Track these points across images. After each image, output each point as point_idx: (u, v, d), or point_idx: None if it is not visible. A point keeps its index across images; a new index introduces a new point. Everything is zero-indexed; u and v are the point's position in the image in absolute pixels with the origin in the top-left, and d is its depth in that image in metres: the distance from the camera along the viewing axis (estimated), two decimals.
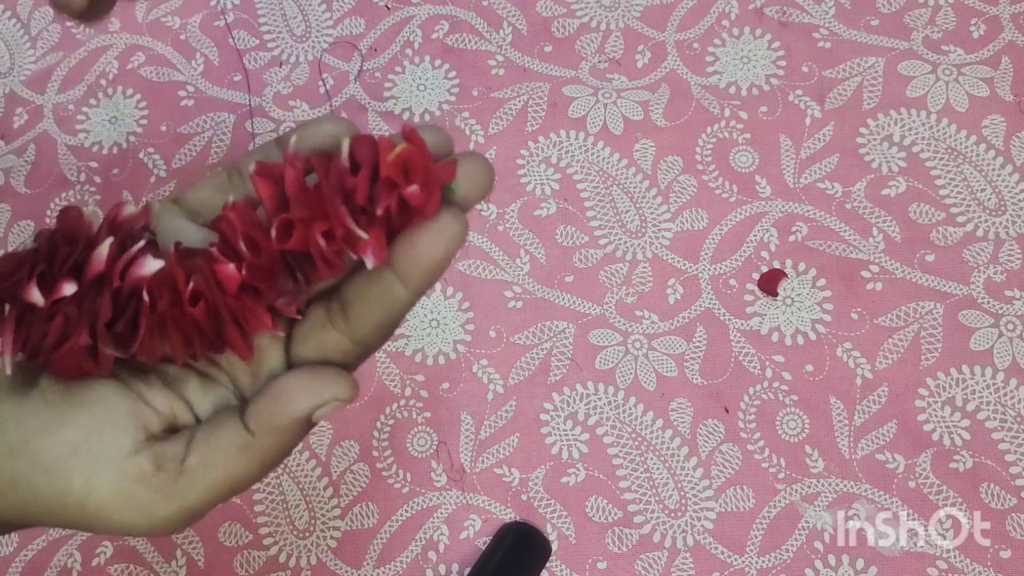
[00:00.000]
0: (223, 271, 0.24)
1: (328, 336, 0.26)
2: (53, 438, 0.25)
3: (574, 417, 0.44)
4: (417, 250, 0.24)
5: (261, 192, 0.24)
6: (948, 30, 0.49)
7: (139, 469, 0.25)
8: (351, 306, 0.26)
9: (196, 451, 0.25)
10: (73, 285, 0.24)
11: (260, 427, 0.25)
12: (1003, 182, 0.46)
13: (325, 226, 0.23)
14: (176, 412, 0.27)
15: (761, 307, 0.45)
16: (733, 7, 0.51)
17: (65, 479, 0.25)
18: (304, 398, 0.25)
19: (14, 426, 0.25)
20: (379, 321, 0.26)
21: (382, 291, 0.25)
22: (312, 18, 0.54)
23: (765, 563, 0.41)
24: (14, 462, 0.25)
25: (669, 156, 0.48)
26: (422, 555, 0.43)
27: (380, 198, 0.23)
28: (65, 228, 0.25)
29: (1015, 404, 0.42)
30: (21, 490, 0.25)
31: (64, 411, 0.25)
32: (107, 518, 0.25)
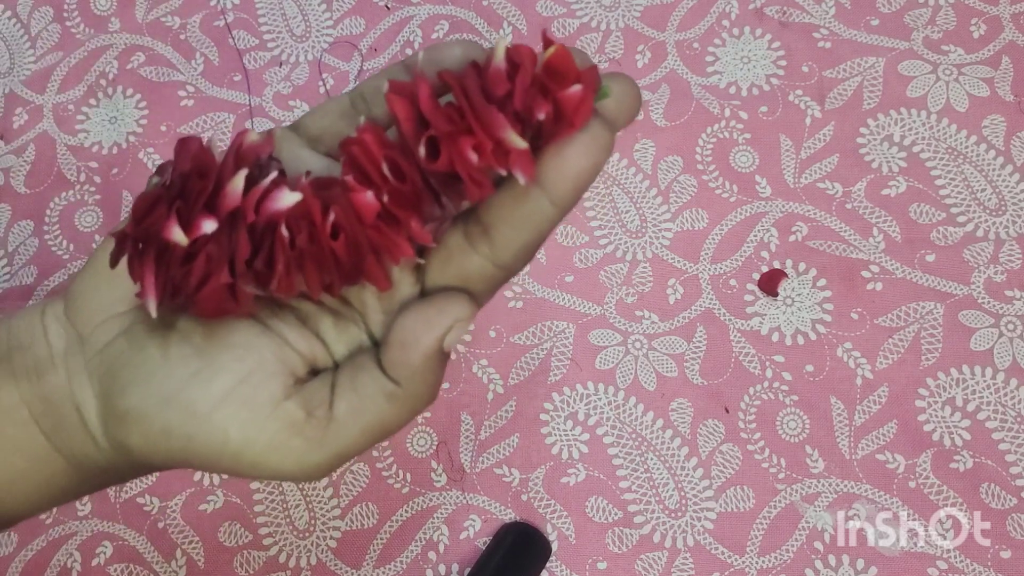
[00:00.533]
0: (361, 200, 0.23)
1: (470, 261, 0.25)
2: (207, 387, 0.25)
3: (574, 417, 0.44)
4: (567, 162, 0.23)
5: (397, 111, 0.23)
6: (948, 30, 0.49)
7: (291, 417, 0.25)
8: (495, 228, 0.24)
9: (343, 397, 0.25)
10: (213, 222, 0.23)
11: (401, 375, 0.25)
12: (1003, 182, 0.46)
13: (474, 140, 0.22)
14: (316, 353, 0.26)
15: (761, 307, 0.45)
16: (733, 7, 0.51)
17: (221, 431, 0.24)
18: (427, 332, 0.24)
19: (165, 373, 0.25)
20: (526, 241, 0.24)
21: (529, 209, 0.24)
22: (312, 18, 0.54)
23: (765, 563, 0.41)
24: (168, 411, 0.25)
25: (669, 156, 0.48)
26: (422, 555, 0.43)
27: (536, 104, 0.21)
28: (194, 160, 0.24)
29: (1015, 404, 0.42)
30: (174, 440, 0.25)
31: (213, 357, 0.25)
32: (261, 466, 0.25)
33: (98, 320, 0.26)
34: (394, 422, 0.25)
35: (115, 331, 0.26)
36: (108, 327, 0.26)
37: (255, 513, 0.44)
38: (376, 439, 0.25)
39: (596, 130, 0.23)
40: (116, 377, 0.25)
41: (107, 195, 0.51)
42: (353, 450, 0.25)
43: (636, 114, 0.24)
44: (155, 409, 0.25)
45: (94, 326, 0.26)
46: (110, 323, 0.26)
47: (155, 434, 0.25)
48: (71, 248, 0.50)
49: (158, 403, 0.25)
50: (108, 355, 0.26)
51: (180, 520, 0.44)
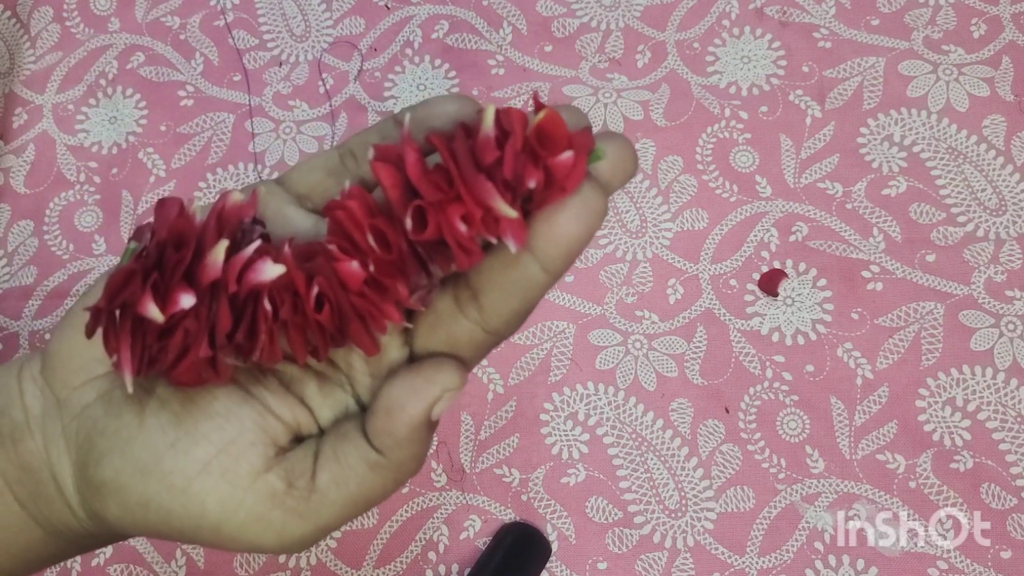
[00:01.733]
0: (346, 270, 0.22)
1: (459, 326, 0.24)
2: (185, 457, 0.24)
3: (574, 417, 0.44)
4: (559, 229, 0.22)
5: (382, 179, 0.22)
6: (948, 30, 0.49)
7: (271, 489, 0.24)
8: (485, 293, 0.24)
9: (326, 468, 0.24)
10: (191, 296, 0.22)
11: (384, 444, 0.24)
12: (1003, 182, 0.46)
13: (463, 209, 0.21)
14: (299, 420, 0.25)
15: (761, 307, 0.45)
16: (733, 7, 0.51)
17: (200, 503, 0.24)
18: (415, 401, 0.23)
19: (143, 442, 0.24)
20: (516, 308, 0.24)
21: (519, 275, 0.23)
22: (312, 18, 0.54)
23: (765, 563, 0.41)
24: (146, 483, 0.24)
25: (669, 156, 0.48)
26: (422, 555, 0.43)
27: (527, 172, 0.21)
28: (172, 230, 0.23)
29: (1015, 404, 0.42)
30: (152, 512, 0.24)
31: (192, 426, 0.24)
32: (241, 539, 0.24)
33: (75, 383, 0.26)
34: (378, 493, 0.24)
35: (93, 395, 0.25)
36: (86, 390, 0.26)
37: None
38: (360, 510, 0.25)
39: (588, 195, 0.22)
40: (93, 445, 0.25)
41: (107, 195, 0.51)
42: (336, 522, 0.24)
43: (632, 175, 0.23)
44: (132, 480, 0.24)
45: (71, 389, 0.26)
46: (88, 386, 0.26)
47: (132, 506, 0.24)
48: (71, 248, 0.50)
49: (135, 474, 0.24)
50: (85, 421, 0.25)
51: None
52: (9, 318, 0.49)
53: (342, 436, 0.25)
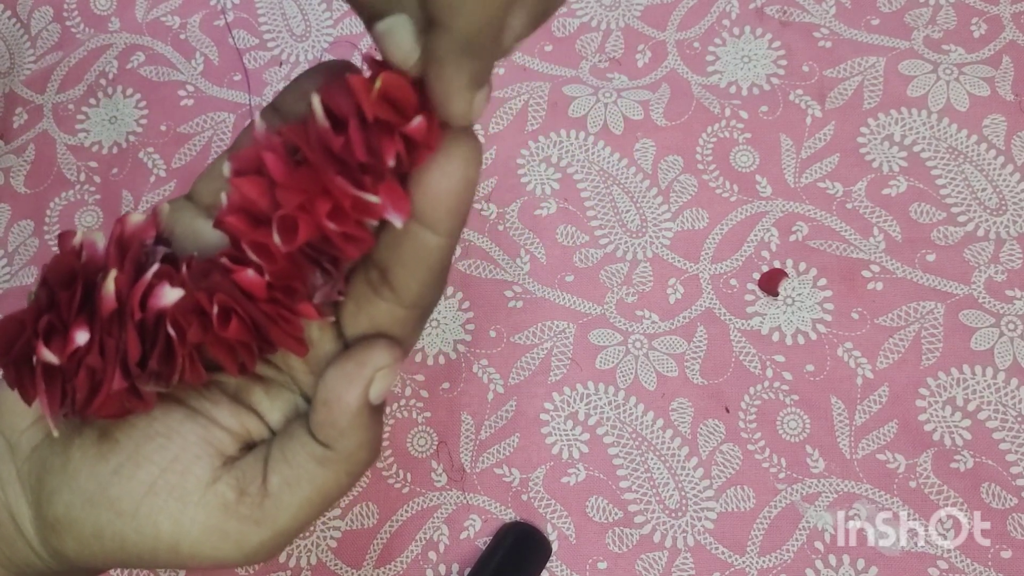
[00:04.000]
0: (246, 280, 0.22)
1: (378, 308, 0.24)
2: (130, 482, 0.23)
3: (574, 417, 0.44)
4: (434, 190, 0.21)
5: (246, 192, 0.21)
6: (949, 29, 0.49)
7: (222, 499, 0.23)
8: (390, 271, 0.23)
9: (276, 471, 0.24)
10: (85, 332, 0.22)
11: (329, 436, 0.23)
12: (1004, 182, 0.46)
13: (329, 204, 0.20)
14: (249, 427, 0.25)
15: (762, 307, 0.45)
16: (734, 6, 0.51)
17: (152, 525, 0.23)
18: (349, 388, 0.23)
19: (87, 472, 0.24)
20: (424, 279, 0.23)
21: (415, 246, 0.22)
22: (312, 18, 0.54)
23: (766, 563, 0.41)
24: (97, 512, 0.23)
25: (669, 156, 0.48)
26: (422, 555, 0.43)
27: (384, 148, 0.19)
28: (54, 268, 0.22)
29: (1016, 404, 0.42)
30: (107, 540, 0.24)
31: (133, 450, 0.24)
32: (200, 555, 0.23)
33: (23, 427, 0.25)
34: (332, 489, 0.24)
35: (40, 435, 0.25)
36: (33, 432, 0.25)
37: None
38: (318, 509, 0.24)
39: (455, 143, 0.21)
40: (43, 484, 0.24)
41: (107, 195, 0.51)
42: (295, 524, 0.24)
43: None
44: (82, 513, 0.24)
45: (20, 433, 0.25)
46: (34, 428, 0.25)
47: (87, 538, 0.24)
48: None
49: (84, 506, 0.24)
50: (35, 462, 0.25)
51: None
52: None
53: (289, 436, 0.24)
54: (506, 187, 0.48)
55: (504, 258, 0.47)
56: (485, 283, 0.47)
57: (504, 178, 0.49)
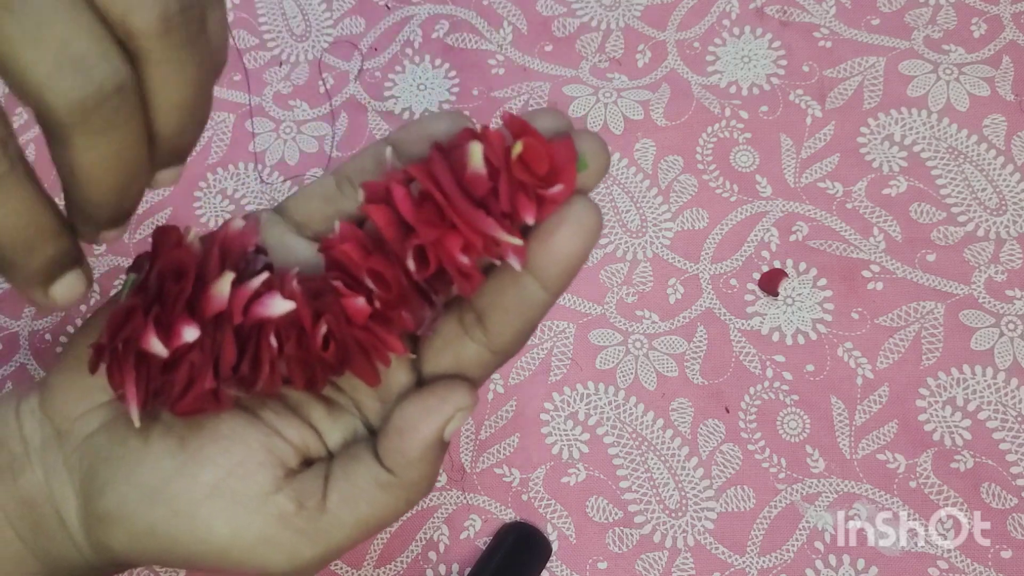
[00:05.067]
0: (352, 306, 0.22)
1: (465, 349, 0.25)
2: (193, 481, 0.23)
3: (574, 417, 0.44)
4: (557, 248, 0.22)
5: (376, 220, 0.22)
6: (949, 29, 0.49)
7: (281, 510, 0.23)
8: (488, 315, 0.24)
9: (336, 489, 0.24)
10: (195, 329, 0.22)
11: (396, 464, 0.24)
12: (1004, 182, 0.46)
13: (461, 240, 0.21)
14: (308, 443, 0.25)
15: (762, 307, 0.45)
16: (734, 6, 0.51)
17: (206, 527, 0.23)
18: (428, 421, 0.24)
19: (149, 467, 0.24)
20: (520, 327, 0.24)
21: (521, 295, 0.23)
22: (312, 17, 0.54)
23: (766, 563, 0.41)
24: (153, 509, 0.23)
25: (669, 156, 0.48)
26: (422, 555, 0.43)
27: (520, 205, 0.21)
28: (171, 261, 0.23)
29: (1016, 404, 0.42)
30: (159, 537, 0.23)
31: (198, 449, 0.24)
32: (249, 563, 0.23)
33: (77, 413, 0.25)
34: (389, 514, 0.24)
35: (95, 424, 0.25)
36: (87, 420, 0.25)
37: None
38: (371, 532, 0.24)
39: (582, 212, 0.23)
40: (96, 474, 0.24)
41: None
42: (346, 544, 0.24)
43: (607, 169, 0.24)
44: (138, 508, 0.23)
45: (72, 420, 0.25)
46: (89, 416, 0.25)
47: (139, 534, 0.24)
48: None
49: (141, 501, 0.23)
50: (88, 450, 0.25)
51: None
52: (9, 318, 0.49)
53: (353, 457, 0.25)
54: None
55: None
56: None
57: None
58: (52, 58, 0.18)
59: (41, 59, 0.18)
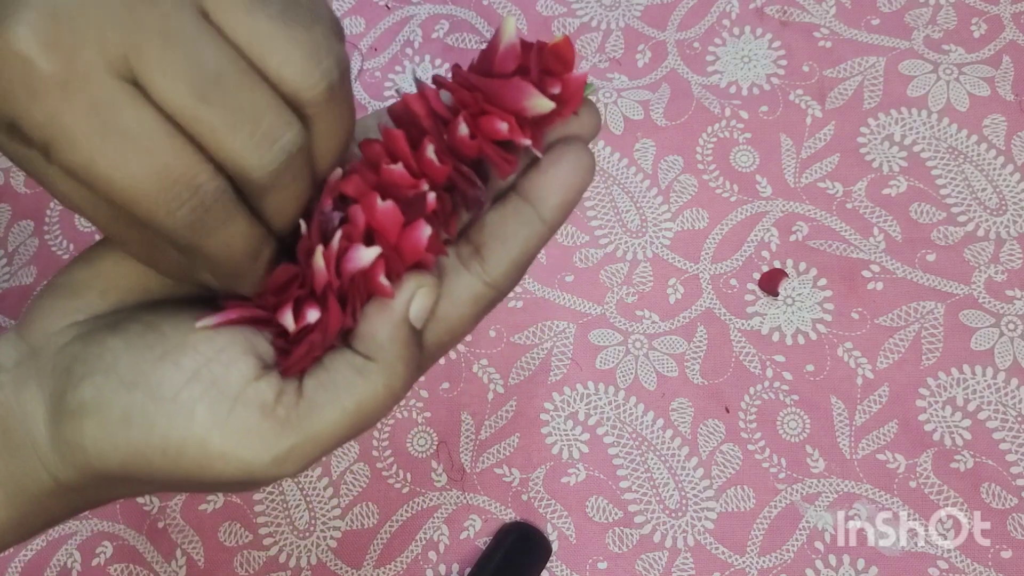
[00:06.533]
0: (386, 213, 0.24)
1: (461, 280, 0.26)
2: (174, 367, 0.23)
3: (574, 417, 0.44)
4: (557, 180, 0.25)
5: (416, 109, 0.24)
6: (949, 29, 0.49)
7: (261, 398, 0.23)
8: (487, 245, 0.25)
9: (313, 376, 0.24)
10: (316, 311, 0.24)
11: (369, 348, 0.24)
12: (1004, 181, 0.46)
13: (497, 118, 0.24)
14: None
15: (762, 307, 0.45)
16: (734, 6, 0.51)
17: (187, 413, 0.23)
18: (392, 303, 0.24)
19: (128, 360, 0.23)
20: (516, 257, 0.25)
21: (520, 224, 0.25)
22: None
23: (766, 563, 0.41)
24: (130, 396, 0.23)
25: (670, 156, 0.48)
26: (422, 555, 0.43)
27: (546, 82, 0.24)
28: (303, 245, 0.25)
29: (1016, 404, 0.42)
30: (134, 428, 0.23)
31: (180, 339, 0.24)
32: (229, 455, 0.23)
33: (54, 330, 0.25)
34: (370, 401, 0.24)
35: (71, 335, 0.25)
36: (63, 334, 0.25)
37: (255, 513, 0.44)
38: (355, 422, 0.24)
39: (581, 151, 0.25)
40: (71, 372, 0.24)
41: None
42: (328, 434, 0.24)
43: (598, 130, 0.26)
44: (115, 395, 0.23)
45: (49, 335, 0.25)
46: (67, 331, 0.25)
47: (113, 423, 0.23)
48: (71, 248, 0.50)
49: (118, 388, 0.23)
50: (63, 356, 0.24)
51: (180, 520, 0.44)
52: (9, 318, 0.49)
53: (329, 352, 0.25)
54: None
55: None
56: None
57: None
58: (249, 137, 0.21)
59: (240, 139, 0.21)
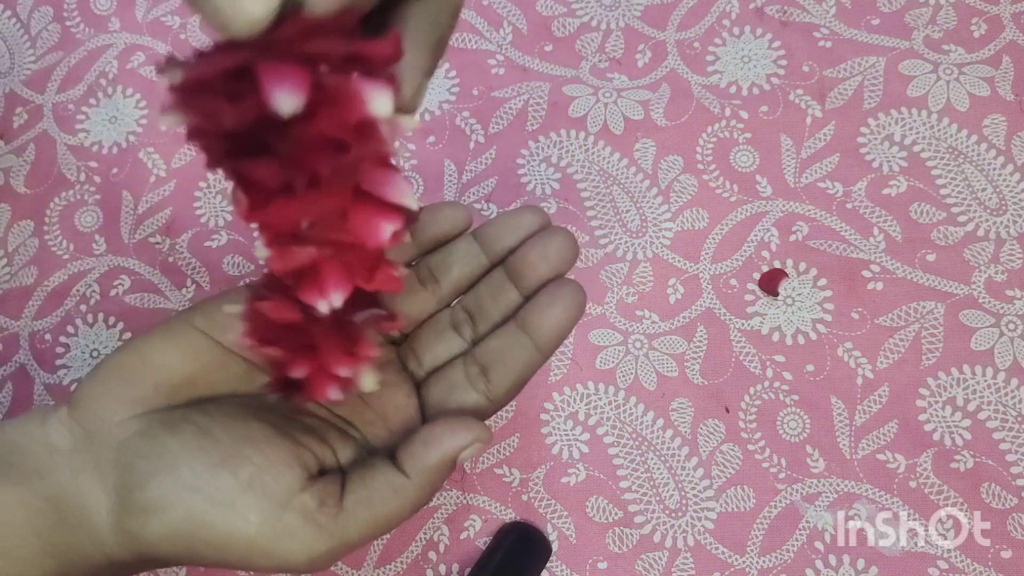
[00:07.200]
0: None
1: (468, 396, 0.30)
2: (232, 476, 0.26)
3: (574, 417, 0.44)
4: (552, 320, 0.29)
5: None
6: (949, 29, 0.49)
7: (305, 506, 0.27)
8: (492, 370, 0.30)
9: (353, 491, 0.28)
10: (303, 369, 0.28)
11: (413, 468, 0.28)
12: (1004, 181, 0.46)
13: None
14: (325, 456, 0.29)
15: (762, 307, 0.45)
16: (734, 6, 0.51)
17: (242, 516, 0.26)
18: (452, 440, 0.28)
19: (188, 464, 0.26)
20: (516, 381, 0.30)
21: (520, 355, 0.30)
22: None
23: (766, 563, 0.41)
24: (191, 498, 0.26)
25: (669, 156, 0.48)
26: (422, 555, 0.43)
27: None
28: None
29: (1016, 404, 0.42)
30: (195, 525, 0.26)
31: (234, 449, 0.27)
32: (272, 552, 0.26)
33: (112, 421, 0.28)
34: (396, 515, 0.28)
35: (131, 431, 0.27)
36: (124, 427, 0.28)
37: None
38: (381, 530, 0.28)
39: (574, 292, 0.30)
40: (135, 469, 0.27)
41: (107, 195, 0.51)
42: (358, 540, 0.28)
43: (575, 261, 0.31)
44: (179, 497, 0.26)
45: (106, 424, 0.28)
46: (124, 424, 0.28)
47: (176, 522, 0.26)
48: (71, 248, 0.50)
49: (182, 491, 0.26)
50: (125, 451, 0.27)
51: None
52: (9, 318, 0.49)
53: (369, 466, 0.29)
54: (506, 187, 0.48)
55: None
56: None
57: (504, 178, 0.49)
58: None
59: None
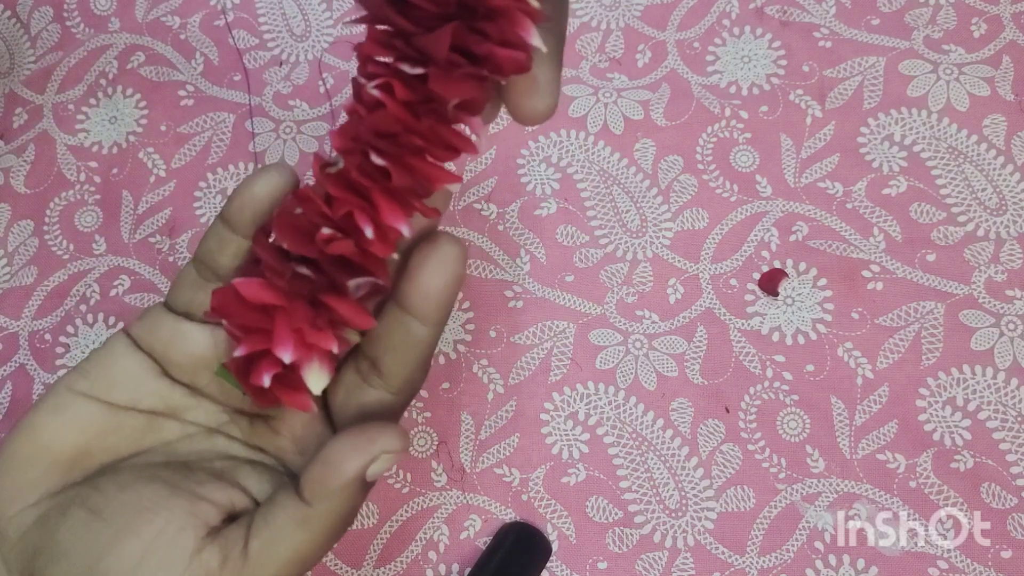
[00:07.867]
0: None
1: (367, 394, 0.27)
2: (118, 556, 0.25)
3: (574, 417, 0.44)
4: (425, 285, 0.25)
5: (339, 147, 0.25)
6: (949, 29, 0.49)
7: (206, 567, 0.25)
8: (380, 360, 0.26)
9: (256, 535, 0.25)
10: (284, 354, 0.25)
11: (314, 494, 0.25)
12: (1004, 181, 0.46)
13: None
14: (233, 500, 0.27)
15: (762, 307, 0.45)
16: (734, 6, 0.51)
17: None
18: (354, 457, 0.24)
19: (79, 552, 0.25)
20: (411, 364, 0.26)
21: (405, 336, 0.26)
22: (312, 18, 0.54)
23: (766, 563, 0.41)
24: None
25: (669, 155, 0.48)
26: (422, 555, 0.43)
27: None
28: None
29: (1016, 404, 0.42)
30: None
31: (123, 524, 0.25)
32: None
33: (10, 513, 0.27)
34: (310, 550, 0.25)
35: (30, 520, 0.26)
36: (20, 519, 0.27)
37: None
38: (297, 569, 0.25)
39: (445, 246, 0.25)
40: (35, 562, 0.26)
41: (107, 195, 0.51)
42: None
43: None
44: None
45: (7, 519, 0.27)
46: (22, 515, 0.27)
47: None
48: (71, 248, 0.50)
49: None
50: (27, 544, 0.26)
51: None
52: (9, 318, 0.49)
53: (271, 502, 0.26)
54: (506, 187, 0.48)
55: (504, 258, 0.47)
56: (485, 283, 0.47)
57: (504, 178, 0.49)
58: None
59: None
